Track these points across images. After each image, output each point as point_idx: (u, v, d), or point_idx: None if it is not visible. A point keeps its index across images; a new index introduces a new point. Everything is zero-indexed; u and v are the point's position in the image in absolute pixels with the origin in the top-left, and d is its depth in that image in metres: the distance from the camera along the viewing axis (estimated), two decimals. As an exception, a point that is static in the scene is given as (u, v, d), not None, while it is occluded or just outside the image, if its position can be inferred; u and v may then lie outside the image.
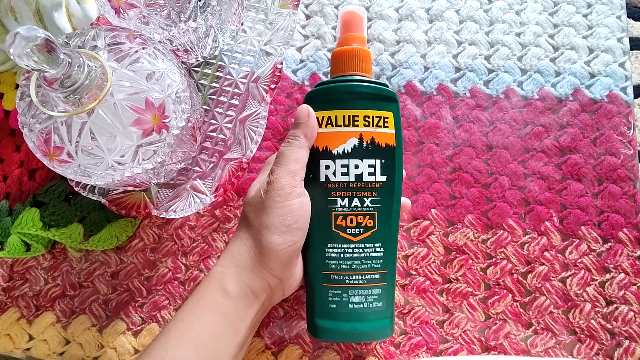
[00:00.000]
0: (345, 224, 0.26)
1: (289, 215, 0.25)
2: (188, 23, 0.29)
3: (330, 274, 0.26)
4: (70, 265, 0.33)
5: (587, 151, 0.33)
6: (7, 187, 0.34)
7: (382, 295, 0.26)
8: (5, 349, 0.32)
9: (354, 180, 0.26)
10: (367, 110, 0.26)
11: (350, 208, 0.26)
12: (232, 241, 0.27)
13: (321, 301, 0.26)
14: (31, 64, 0.20)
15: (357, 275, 0.26)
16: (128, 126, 0.24)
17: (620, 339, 0.29)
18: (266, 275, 0.25)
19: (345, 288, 0.26)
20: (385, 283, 0.26)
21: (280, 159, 0.26)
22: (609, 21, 0.35)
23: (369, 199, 0.26)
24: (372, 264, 0.26)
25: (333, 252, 0.26)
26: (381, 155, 0.26)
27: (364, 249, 0.26)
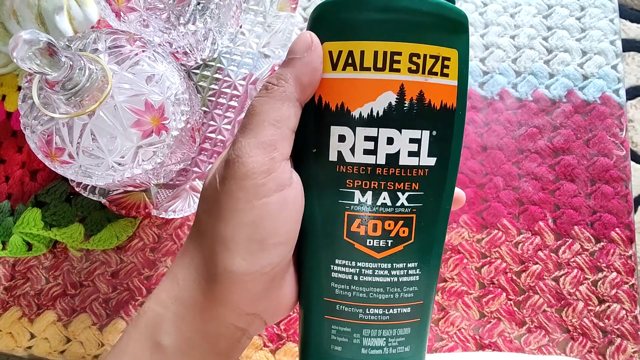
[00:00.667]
0: (364, 232, 0.17)
1: (260, 223, 0.16)
2: (187, 26, 0.29)
3: (336, 302, 0.18)
4: (71, 264, 0.33)
5: (580, 152, 0.33)
6: (9, 187, 0.35)
7: (411, 336, 0.18)
8: (7, 347, 0.32)
9: (385, 163, 0.17)
10: (417, 45, 0.16)
11: (375, 207, 0.17)
12: (178, 257, 0.18)
13: (320, 339, 0.18)
14: (33, 67, 0.21)
15: (377, 309, 0.17)
16: (128, 128, 0.25)
17: (612, 337, 0.30)
18: (227, 316, 0.17)
19: (358, 325, 0.17)
20: (418, 319, 0.18)
21: (248, 120, 0.16)
22: (602, 24, 0.36)
23: (407, 194, 0.17)
24: (401, 292, 0.17)
25: (343, 273, 0.17)
26: (433, 123, 0.17)
27: (392, 270, 0.17)
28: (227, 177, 0.16)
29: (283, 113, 0.16)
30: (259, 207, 0.16)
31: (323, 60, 0.17)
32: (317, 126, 0.17)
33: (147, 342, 0.16)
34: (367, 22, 0.16)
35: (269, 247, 0.16)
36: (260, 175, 0.16)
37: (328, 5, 0.17)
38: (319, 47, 0.16)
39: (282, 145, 0.16)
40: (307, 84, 0.16)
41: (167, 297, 0.17)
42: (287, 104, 0.16)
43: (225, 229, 0.16)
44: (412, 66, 0.16)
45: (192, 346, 0.17)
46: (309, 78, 0.16)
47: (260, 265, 0.16)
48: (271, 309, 0.18)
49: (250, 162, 0.16)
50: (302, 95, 0.17)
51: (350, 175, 0.17)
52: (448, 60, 0.16)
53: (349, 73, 0.16)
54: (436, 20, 0.16)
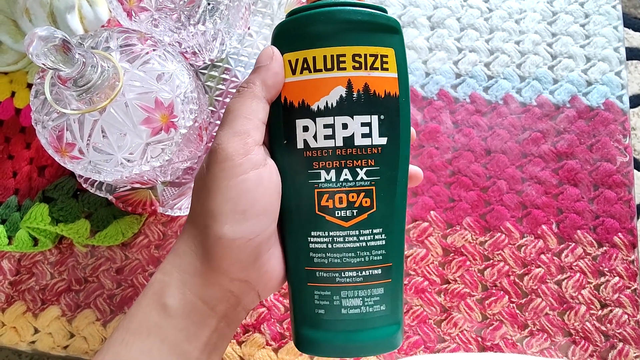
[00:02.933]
0: (332, 205, 0.20)
1: (241, 197, 0.19)
2: (197, 26, 0.30)
3: (315, 270, 0.20)
4: (76, 260, 0.34)
5: (583, 157, 0.33)
6: (16, 183, 0.35)
7: (385, 295, 0.20)
8: (11, 342, 0.33)
9: (343, 144, 0.19)
10: (357, 47, 0.19)
11: (339, 183, 0.20)
12: (179, 237, 0.21)
13: (305, 306, 0.20)
14: (48, 63, 0.21)
15: (351, 272, 0.20)
16: (138, 124, 0.25)
17: (614, 341, 0.30)
18: (222, 280, 0.19)
19: (336, 288, 0.20)
20: (389, 280, 0.20)
21: (225, 117, 0.20)
22: (606, 31, 0.36)
23: (364, 169, 0.20)
24: (370, 255, 0.20)
25: (318, 242, 0.20)
26: (379, 108, 0.20)
27: (359, 236, 0.20)
28: (210, 162, 0.19)
29: (253, 108, 0.20)
30: (238, 183, 0.19)
31: (284, 67, 0.20)
32: (285, 121, 0.21)
33: (154, 305, 0.19)
34: (315, 34, 0.20)
35: (251, 217, 0.19)
36: (237, 157, 0.19)
37: (284, 24, 0.21)
38: (279, 56, 0.20)
39: (254, 133, 0.20)
40: (271, 85, 0.20)
41: (171, 267, 0.20)
42: (256, 101, 0.20)
43: (213, 205, 0.19)
44: (355, 64, 0.20)
45: (194, 308, 0.19)
46: (272, 80, 0.20)
47: (245, 232, 0.19)
48: (262, 279, 0.20)
49: (229, 147, 0.19)
50: (267, 94, 0.20)
51: (315, 158, 0.20)
52: (386, 57, 0.20)
53: (305, 75, 0.20)
54: (371, 27, 0.20)
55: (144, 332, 0.19)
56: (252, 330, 0.31)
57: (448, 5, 0.37)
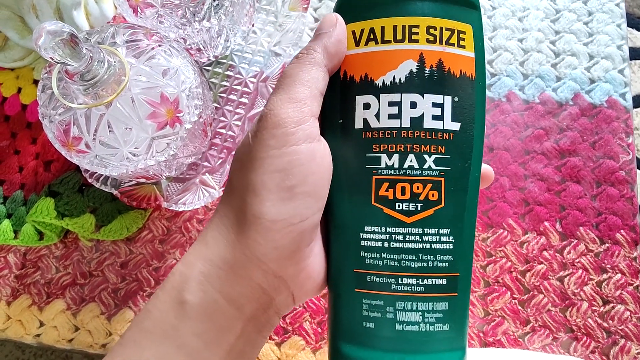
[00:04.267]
0: (393, 195, 0.17)
1: (292, 169, 0.16)
2: (202, 23, 0.30)
3: (367, 273, 0.17)
4: (81, 254, 0.34)
5: (586, 154, 0.33)
6: (22, 178, 0.35)
7: (449, 312, 0.17)
8: (16, 335, 0.33)
9: (409, 126, 0.17)
10: (432, 18, 0.17)
11: (403, 170, 0.17)
12: (209, 221, 0.18)
13: (351, 316, 0.17)
14: (56, 57, 0.21)
15: (410, 278, 0.17)
16: (144, 119, 0.26)
17: (616, 338, 0.30)
18: (254, 273, 0.17)
19: (391, 297, 0.17)
20: (455, 293, 0.17)
21: (280, 81, 0.18)
22: (609, 29, 0.36)
23: (433, 156, 0.17)
24: (435, 260, 0.17)
25: (372, 240, 0.17)
26: (454, 89, 0.17)
27: (423, 235, 0.17)
28: (259, 128, 0.17)
29: (312, 75, 0.17)
30: (288, 154, 0.16)
31: (347, 39, 0.18)
32: (342, 98, 0.18)
33: (171, 303, 0.17)
34: (385, 2, 0.17)
35: (298, 196, 0.16)
36: (290, 124, 0.16)
37: None
38: (342, 22, 0.18)
39: (310, 102, 0.17)
40: (334, 53, 0.18)
41: (195, 258, 0.17)
42: (316, 68, 0.18)
43: (256, 177, 0.16)
44: (429, 37, 0.17)
45: (216, 308, 0.16)
46: (335, 48, 0.18)
47: (289, 214, 0.16)
48: (298, 278, 0.17)
49: (282, 112, 0.17)
50: (329, 62, 0.18)
51: (376, 140, 0.17)
52: (463, 34, 0.17)
53: (371, 47, 0.17)
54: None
55: (159, 333, 0.16)
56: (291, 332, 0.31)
57: (451, 3, 0.38)
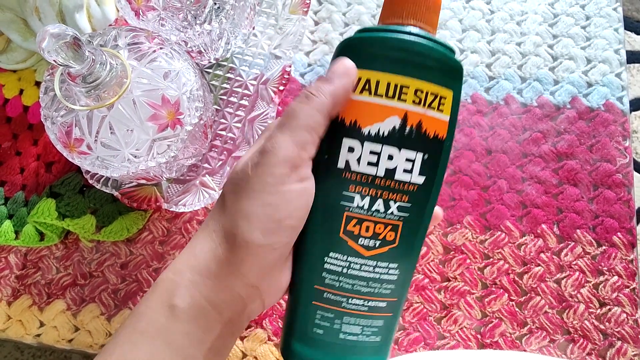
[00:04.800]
0: (358, 231, 0.20)
1: (282, 205, 0.18)
2: (203, 26, 0.30)
3: (325, 290, 0.20)
4: (82, 255, 0.34)
5: (583, 157, 0.34)
6: (23, 179, 0.36)
7: (383, 327, 0.20)
8: (16, 335, 0.33)
9: (384, 175, 0.19)
10: (422, 82, 0.19)
11: (370, 212, 0.19)
12: (197, 232, 0.20)
13: (305, 322, 0.20)
14: (59, 60, 0.21)
15: (358, 300, 0.20)
16: (145, 121, 0.26)
17: (613, 340, 0.30)
18: (236, 284, 0.19)
19: (340, 313, 0.20)
20: (390, 314, 0.21)
21: (287, 120, 0.19)
22: (606, 33, 0.36)
23: (397, 204, 0.20)
24: (380, 288, 0.20)
25: (335, 264, 0.20)
26: (426, 148, 0.20)
27: (375, 267, 0.20)
28: (260, 163, 0.19)
29: (317, 121, 0.19)
30: (282, 192, 0.18)
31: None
32: (331, 136, 0.20)
33: (162, 305, 0.19)
34: (385, 57, 0.19)
35: (284, 227, 0.19)
36: (289, 167, 0.18)
37: (355, 39, 0.20)
38: (355, 74, 0.19)
39: (310, 147, 0.19)
40: (340, 103, 0.19)
41: (184, 266, 0.19)
42: (322, 116, 0.19)
43: (250, 207, 0.18)
44: (415, 99, 0.19)
45: (201, 312, 0.19)
46: (343, 98, 0.19)
47: (273, 241, 0.19)
48: (271, 288, 0.20)
49: (283, 155, 0.18)
50: (333, 110, 0.19)
51: (353, 181, 0.20)
52: (444, 99, 0.20)
53: (364, 96, 0.19)
54: (439, 65, 0.19)
55: (151, 333, 0.18)
56: (254, 326, 0.32)
57: (450, 7, 0.38)
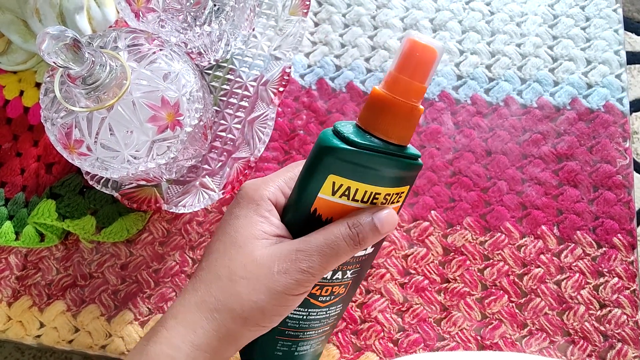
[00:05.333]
0: (319, 293, 0.23)
1: (291, 307, 0.22)
2: (203, 27, 0.30)
3: (286, 330, 0.24)
4: (82, 256, 0.34)
5: (583, 158, 0.34)
6: (24, 180, 0.36)
7: (324, 339, 0.26)
8: (17, 336, 0.33)
9: None
10: (392, 189, 0.22)
11: (331, 280, 0.23)
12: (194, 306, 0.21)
13: (268, 347, 0.24)
14: (59, 62, 0.22)
15: (312, 332, 0.24)
16: (144, 122, 0.26)
17: (613, 342, 0.30)
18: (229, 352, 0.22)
19: (297, 341, 0.24)
20: (329, 329, 0.26)
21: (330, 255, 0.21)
22: (606, 34, 0.36)
23: (351, 270, 0.23)
24: (329, 320, 0.25)
25: (297, 315, 0.24)
26: None
27: (328, 311, 0.24)
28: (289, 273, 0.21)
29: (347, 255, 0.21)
30: (297, 300, 0.22)
31: (325, 186, 0.21)
32: (307, 227, 0.22)
33: None
34: (368, 171, 0.21)
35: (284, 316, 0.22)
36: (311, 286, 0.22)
37: (344, 151, 0.21)
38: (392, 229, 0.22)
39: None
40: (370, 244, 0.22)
41: (182, 342, 0.20)
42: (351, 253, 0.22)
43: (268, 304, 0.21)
44: (384, 201, 0.22)
45: None
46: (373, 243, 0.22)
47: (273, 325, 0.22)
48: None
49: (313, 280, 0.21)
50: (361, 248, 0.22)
51: None
52: (403, 193, 0.23)
53: (342, 200, 0.21)
54: (408, 174, 0.22)
55: None
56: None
57: (450, 8, 0.38)
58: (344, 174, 0.21)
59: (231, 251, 0.21)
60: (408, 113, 0.20)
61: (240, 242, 0.21)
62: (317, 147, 0.21)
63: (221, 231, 0.22)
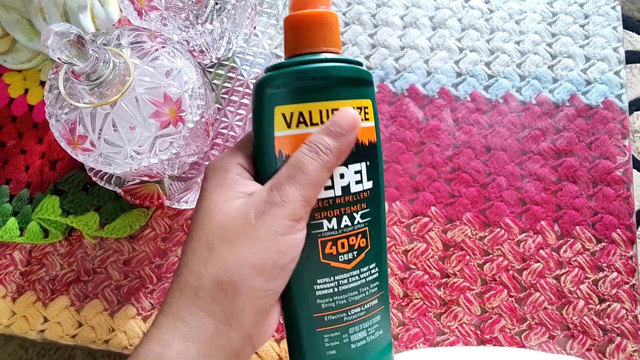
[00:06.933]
0: (336, 251, 0.20)
1: (287, 252, 0.19)
2: (205, 25, 0.31)
3: (323, 315, 0.20)
4: (85, 252, 0.35)
5: (582, 154, 0.34)
6: (28, 177, 0.36)
7: (381, 320, 0.22)
8: (21, 330, 0.34)
9: (341, 193, 0.20)
10: (346, 101, 0.20)
11: (340, 230, 0.20)
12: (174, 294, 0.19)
13: (316, 351, 0.21)
14: (63, 57, 0.22)
15: (356, 308, 0.21)
16: (147, 118, 0.26)
17: (612, 336, 0.30)
18: (235, 339, 0.18)
19: (345, 327, 0.21)
20: (383, 306, 0.22)
21: (297, 174, 0.19)
22: (605, 31, 0.37)
23: (360, 212, 0.21)
24: (369, 289, 0.21)
25: (325, 289, 0.20)
26: (365, 156, 0.21)
27: (360, 274, 0.21)
28: (267, 211, 0.19)
29: (324, 179, 0.20)
30: (289, 241, 0.19)
31: (276, 121, 0.20)
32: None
33: None
34: (311, 88, 0.20)
35: (286, 272, 0.19)
36: (297, 219, 0.19)
37: (278, 75, 0.20)
38: (359, 126, 0.20)
39: (313, 201, 0.20)
40: (343, 158, 0.20)
41: (171, 337, 0.17)
42: (328, 173, 0.20)
43: (256, 255, 0.18)
44: None
45: None
46: (347, 154, 0.20)
47: (275, 285, 0.19)
48: (261, 332, 0.20)
49: (292, 208, 0.19)
50: (336, 164, 0.20)
51: (317, 209, 0.20)
52: (367, 108, 0.21)
53: (302, 129, 0.20)
54: (356, 82, 0.21)
55: None
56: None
57: (449, 6, 0.38)
58: (288, 100, 0.20)
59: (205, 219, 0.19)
60: (320, 18, 0.20)
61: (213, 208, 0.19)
62: (253, 90, 0.21)
63: (195, 211, 0.21)
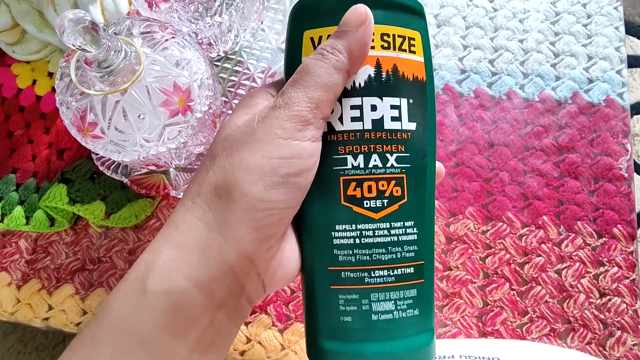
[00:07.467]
0: (361, 194, 0.17)
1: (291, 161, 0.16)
2: (214, 18, 0.31)
3: (341, 270, 0.17)
4: (91, 241, 0.35)
5: (584, 151, 0.34)
6: (35, 166, 0.36)
7: (418, 297, 0.18)
8: (25, 318, 0.34)
9: (372, 127, 0.18)
10: (385, 26, 0.18)
11: (368, 170, 0.18)
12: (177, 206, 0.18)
13: (329, 313, 0.18)
14: (77, 43, 0.22)
15: (382, 270, 0.17)
16: (157, 106, 0.27)
17: (613, 329, 0.30)
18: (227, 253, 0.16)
19: (365, 290, 0.17)
20: (422, 280, 0.18)
21: (301, 77, 0.17)
22: (607, 31, 0.37)
23: (394, 155, 0.18)
24: (402, 252, 0.18)
25: (344, 238, 0.17)
26: (408, 92, 0.18)
27: (391, 229, 0.18)
28: (269, 116, 0.17)
29: (334, 79, 0.17)
30: (293, 147, 0.16)
31: (304, 46, 0.18)
32: None
33: (135, 293, 0.15)
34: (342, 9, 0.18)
35: (289, 185, 0.17)
36: (301, 122, 0.17)
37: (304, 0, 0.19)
38: (372, 20, 0.17)
39: (325, 106, 0.17)
40: (358, 57, 0.17)
41: (162, 244, 0.16)
42: (338, 73, 0.17)
43: (254, 158, 0.16)
44: (384, 44, 0.18)
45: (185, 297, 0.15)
46: (361, 52, 0.17)
47: (276, 198, 0.16)
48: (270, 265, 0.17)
49: (296, 109, 0.17)
50: (352, 67, 0.17)
51: (341, 142, 0.18)
52: (413, 40, 0.19)
53: None
54: (399, 6, 0.18)
55: (119, 329, 0.15)
56: (258, 312, 0.32)
57: (454, 5, 0.39)
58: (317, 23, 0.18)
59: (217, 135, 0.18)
60: None
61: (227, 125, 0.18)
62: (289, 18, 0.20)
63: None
